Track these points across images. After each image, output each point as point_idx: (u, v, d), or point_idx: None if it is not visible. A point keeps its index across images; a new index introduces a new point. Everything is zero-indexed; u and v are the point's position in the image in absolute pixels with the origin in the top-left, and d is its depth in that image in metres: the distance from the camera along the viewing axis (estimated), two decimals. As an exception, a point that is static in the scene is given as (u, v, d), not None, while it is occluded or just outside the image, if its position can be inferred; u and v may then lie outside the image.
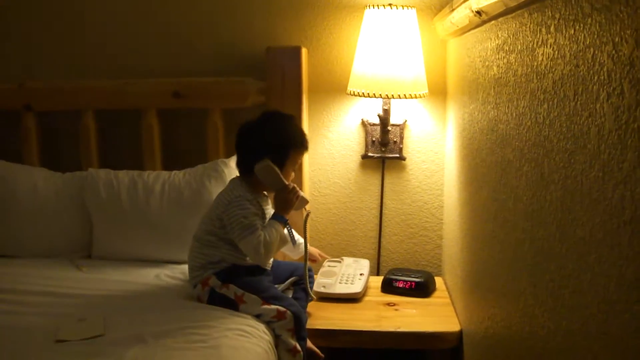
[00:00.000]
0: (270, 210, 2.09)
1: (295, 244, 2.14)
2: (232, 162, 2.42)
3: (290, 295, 2.14)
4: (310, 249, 2.35)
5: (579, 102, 0.98)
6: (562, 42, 1.06)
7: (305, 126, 2.50)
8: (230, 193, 2.00)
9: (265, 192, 2.09)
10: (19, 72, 2.72)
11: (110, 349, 1.67)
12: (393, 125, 2.55)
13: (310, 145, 2.17)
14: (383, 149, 2.58)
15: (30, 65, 2.73)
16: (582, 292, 0.98)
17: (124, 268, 2.31)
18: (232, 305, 1.96)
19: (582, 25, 0.97)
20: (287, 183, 2.03)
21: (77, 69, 2.70)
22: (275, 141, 2.01)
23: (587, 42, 0.94)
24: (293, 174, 2.12)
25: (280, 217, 2.03)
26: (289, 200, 2.04)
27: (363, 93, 2.30)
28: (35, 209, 2.44)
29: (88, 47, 2.69)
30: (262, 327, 1.90)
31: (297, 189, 2.06)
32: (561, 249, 1.07)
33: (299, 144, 2.06)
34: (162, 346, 1.68)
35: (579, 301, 0.99)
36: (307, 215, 2.13)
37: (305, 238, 2.15)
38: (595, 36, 0.91)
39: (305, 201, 2.10)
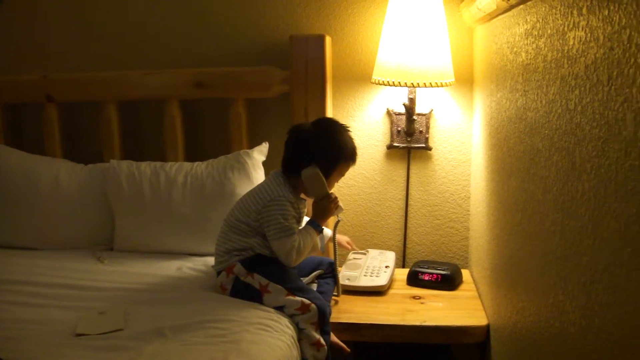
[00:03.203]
0: (305, 215, 2.10)
1: (324, 250, 2.13)
2: (255, 153, 2.40)
3: (315, 289, 2.11)
4: (339, 236, 2.37)
5: (613, 87, 0.92)
6: (595, 24, 1.00)
7: (330, 116, 2.44)
8: (273, 190, 1.98)
9: (302, 196, 2.07)
10: (41, 63, 2.71)
11: (129, 343, 1.66)
12: (419, 114, 2.49)
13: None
14: (409, 138, 2.52)
15: (52, 56, 2.72)
16: (617, 288, 0.92)
17: (145, 260, 2.30)
18: (256, 294, 1.94)
19: (617, 5, 0.91)
20: (330, 192, 2.02)
21: (99, 60, 2.68)
22: (326, 150, 1.99)
23: (623, 23, 0.88)
24: (335, 184, 2.11)
25: (317, 225, 2.04)
26: (329, 210, 2.05)
27: (388, 82, 2.24)
28: (57, 201, 2.45)
29: (109, 38, 2.67)
30: (285, 320, 1.87)
31: (338, 199, 2.06)
32: (594, 242, 1.02)
33: (348, 156, 2.05)
34: (181, 341, 1.66)
35: (613, 298, 0.94)
36: (337, 222, 2.16)
37: (334, 245, 2.17)
38: (632, 16, 0.85)
39: (341, 209, 2.09)
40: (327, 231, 2.19)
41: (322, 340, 1.91)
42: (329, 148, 2.00)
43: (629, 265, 0.88)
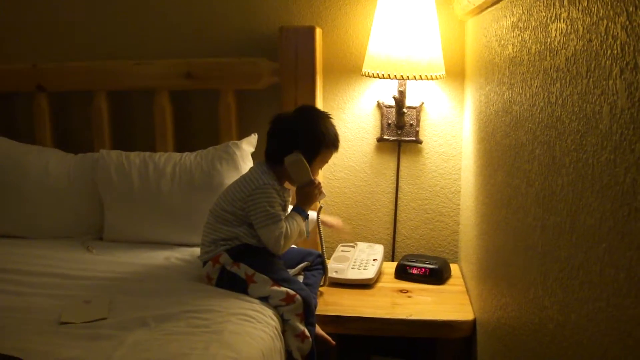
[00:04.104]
0: (289, 203, 2.09)
1: (309, 236, 2.12)
2: (244, 144, 2.38)
3: (301, 281, 2.10)
4: (329, 218, 2.35)
5: (591, 80, 0.91)
6: (575, 16, 0.98)
7: (320, 108, 2.43)
8: (259, 179, 1.97)
9: (286, 185, 2.07)
10: (32, 53, 2.69)
11: (112, 332, 1.65)
12: (409, 107, 2.48)
13: (325, 128, 2.11)
14: (399, 132, 2.51)
15: (42, 46, 2.70)
16: (592, 284, 0.91)
17: (133, 250, 2.29)
18: (242, 284, 1.93)
19: (595, -4, 0.90)
20: (313, 178, 2.01)
21: (90, 49, 2.66)
22: (308, 137, 1.99)
23: (601, 14, 0.87)
24: (320, 171, 2.10)
25: (302, 211, 2.04)
26: (313, 195, 2.05)
27: (378, 74, 2.23)
28: (47, 190, 2.43)
29: (100, 28, 2.65)
30: (269, 312, 1.86)
31: (321, 185, 2.05)
32: (571, 238, 1.01)
33: (331, 143, 2.04)
34: (163, 331, 1.65)
35: (588, 294, 0.93)
36: (320, 209, 2.15)
37: (319, 232, 2.16)
38: (609, 7, 0.84)
39: (323, 195, 2.09)
40: (313, 217, 2.19)
41: (306, 332, 1.90)
42: (311, 135, 1.99)
43: (602, 261, 0.87)
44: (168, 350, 1.54)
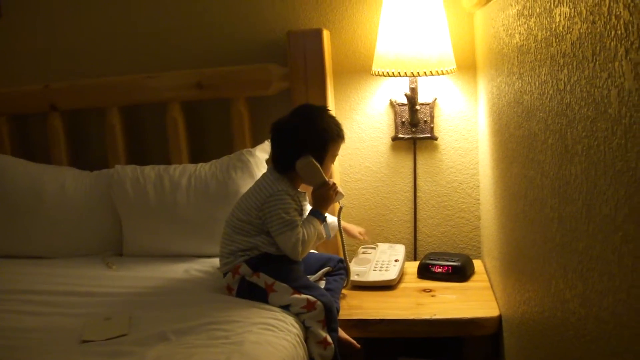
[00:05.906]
0: (307, 207, 2.06)
1: (330, 237, 2.09)
2: (258, 151, 2.37)
3: (323, 287, 2.07)
4: (351, 226, 2.34)
5: (597, 63, 0.88)
6: (578, -2, 0.95)
7: (332, 109, 2.40)
8: (272, 185, 1.95)
9: (301, 188, 2.04)
10: (43, 73, 2.70)
11: (132, 348, 1.65)
12: (422, 104, 2.44)
13: (339, 130, 2.09)
14: (413, 129, 2.48)
15: (53, 66, 2.71)
16: (611, 275, 0.88)
17: (153, 264, 2.29)
18: (262, 294, 1.91)
19: (597, -24, 0.86)
20: (327, 179, 1.99)
21: (100, 66, 2.66)
22: (311, 138, 1.95)
23: (603, -6, 0.84)
24: (332, 167, 2.06)
25: (319, 214, 2.01)
26: (328, 197, 2.01)
27: (388, 72, 2.20)
28: (64, 209, 2.44)
29: (109, 44, 2.65)
30: (290, 319, 1.84)
31: (337, 185, 2.02)
32: (588, 227, 0.97)
33: (335, 136, 2.00)
34: (184, 344, 1.64)
35: (608, 285, 0.90)
36: (340, 209, 2.11)
37: (340, 232, 2.12)
38: (610, -14, 0.81)
39: (341, 195, 2.05)
40: (332, 219, 2.16)
41: (328, 339, 1.88)
42: (314, 134, 1.95)
43: (620, 251, 0.83)
44: (188, 364, 1.53)
